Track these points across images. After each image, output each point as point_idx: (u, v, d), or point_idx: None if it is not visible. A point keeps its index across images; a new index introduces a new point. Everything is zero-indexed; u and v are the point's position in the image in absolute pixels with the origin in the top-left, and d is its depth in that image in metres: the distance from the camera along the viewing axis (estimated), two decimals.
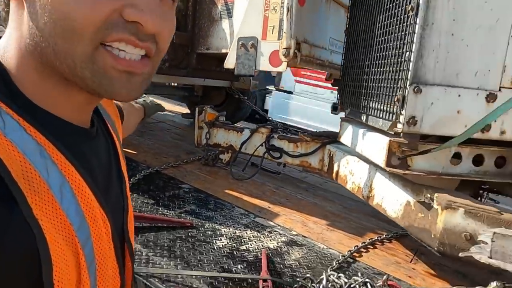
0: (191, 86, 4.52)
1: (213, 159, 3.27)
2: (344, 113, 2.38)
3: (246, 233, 2.11)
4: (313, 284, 1.43)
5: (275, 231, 2.22)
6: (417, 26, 1.48)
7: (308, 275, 1.62)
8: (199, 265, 1.71)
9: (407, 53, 1.52)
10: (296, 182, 3.23)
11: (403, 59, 1.55)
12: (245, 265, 1.77)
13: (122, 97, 0.54)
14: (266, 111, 7.54)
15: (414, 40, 1.49)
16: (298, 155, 2.85)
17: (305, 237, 2.22)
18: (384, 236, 2.37)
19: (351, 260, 2.06)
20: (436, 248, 1.55)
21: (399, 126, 1.57)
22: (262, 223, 2.29)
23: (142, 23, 0.50)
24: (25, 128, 0.48)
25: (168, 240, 1.89)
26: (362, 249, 2.21)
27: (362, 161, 2.19)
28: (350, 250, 2.13)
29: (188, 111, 5.01)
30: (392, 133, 1.66)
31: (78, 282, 0.51)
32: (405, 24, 1.55)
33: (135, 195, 2.32)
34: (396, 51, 1.61)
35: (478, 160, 1.70)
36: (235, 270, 1.70)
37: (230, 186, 2.80)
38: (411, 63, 1.51)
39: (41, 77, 0.53)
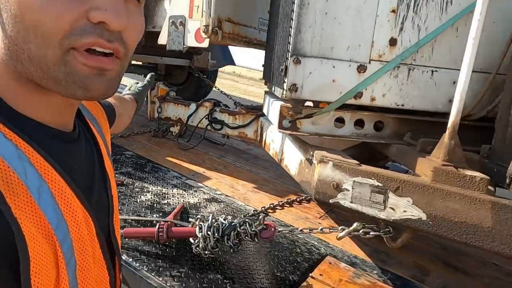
0: (154, 64, 4.73)
1: (164, 131, 3.51)
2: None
3: (172, 191, 2.38)
4: (201, 223, 1.70)
5: (200, 190, 2.49)
6: (295, 6, 1.73)
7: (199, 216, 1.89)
8: (119, 213, 1.98)
9: (289, 29, 1.77)
10: (239, 153, 3.49)
11: (288, 34, 1.80)
12: (160, 214, 2.04)
13: (98, 95, 0.56)
14: None
15: (293, 18, 1.74)
16: (236, 127, 3.11)
17: (228, 196, 2.50)
18: (303, 197, 2.66)
19: (264, 214, 2.34)
20: (313, 196, 1.83)
21: (284, 92, 1.82)
22: (191, 184, 2.56)
23: (107, 21, 0.52)
24: (4, 134, 0.51)
25: None
26: (278, 207, 2.49)
27: None
28: (264, 207, 2.42)
29: None
30: (283, 99, 1.93)
31: (57, 277, 0.53)
32: (290, 3, 1.80)
33: None
34: (285, 27, 1.86)
35: (359, 124, 1.97)
36: (149, 217, 1.97)
37: (173, 155, 3.06)
38: (291, 38, 1.76)
39: (19, 84, 0.55)
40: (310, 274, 1.83)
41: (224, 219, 1.72)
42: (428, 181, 1.54)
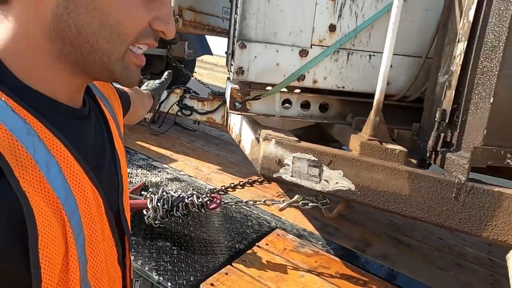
0: None
1: None
2: None
3: (136, 171, 2.52)
4: (152, 195, 1.84)
5: (164, 170, 2.63)
6: None
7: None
8: None
9: (235, 15, 1.90)
10: (210, 138, 3.63)
11: (235, 21, 1.94)
12: None
13: (133, 85, 0.63)
14: None
15: (239, 5, 1.87)
16: (204, 113, 3.24)
17: (190, 176, 2.64)
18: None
19: (222, 193, 2.49)
20: (259, 172, 1.98)
21: (232, 75, 1.96)
22: (156, 165, 2.69)
23: (167, 33, 0.61)
24: (13, 108, 0.50)
25: None
26: (238, 186, 2.64)
27: None
28: (224, 185, 2.57)
29: None
30: (234, 82, 2.06)
31: (66, 252, 0.53)
32: None
33: None
34: (235, 15, 1.99)
35: (306, 106, 2.12)
36: None
37: (143, 139, 3.19)
38: (237, 24, 1.89)
39: (50, 62, 0.56)
40: (257, 244, 1.99)
41: (174, 192, 1.86)
42: (356, 155, 1.69)
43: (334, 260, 1.98)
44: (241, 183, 2.66)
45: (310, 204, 1.90)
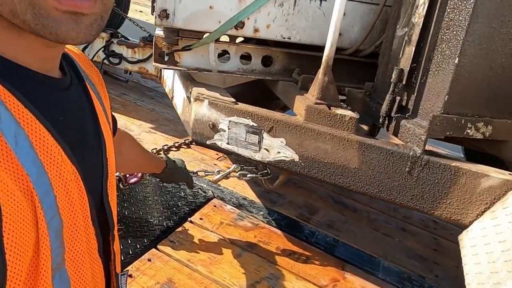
0: None
1: None
2: None
3: None
4: None
5: None
6: None
7: None
8: None
9: None
10: (145, 90, 3.24)
11: None
12: None
13: (70, 40, 0.50)
14: None
15: None
16: (135, 61, 2.82)
17: None
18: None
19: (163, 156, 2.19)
20: (191, 138, 1.69)
21: (155, 20, 1.59)
22: None
23: None
24: None
25: None
26: (173, 148, 2.34)
27: None
28: (155, 148, 2.26)
29: None
30: (159, 28, 1.69)
31: (37, 238, 0.48)
32: None
33: None
34: None
35: (246, 58, 1.81)
36: None
37: None
38: None
39: (2, 24, 0.49)
40: (189, 219, 1.75)
41: None
42: (301, 121, 1.45)
43: (275, 233, 1.80)
44: (176, 145, 2.36)
45: (249, 175, 1.66)
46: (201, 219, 1.76)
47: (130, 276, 1.36)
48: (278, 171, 1.67)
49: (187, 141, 2.43)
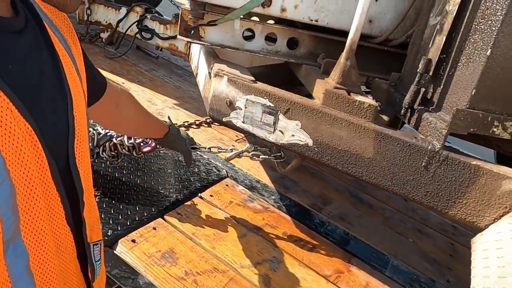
0: None
1: (92, 37, 3.20)
2: None
3: None
4: None
5: None
6: None
7: None
8: None
9: None
10: (174, 68, 3.26)
11: None
12: None
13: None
14: None
15: None
16: (166, 38, 2.85)
17: None
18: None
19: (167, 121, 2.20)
20: (208, 114, 1.69)
21: None
22: None
23: None
24: None
25: None
26: (193, 125, 2.36)
27: None
28: (176, 123, 2.27)
29: None
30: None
31: None
32: None
33: None
34: None
35: (271, 39, 1.77)
36: None
37: (95, 62, 2.80)
38: None
39: None
40: (200, 194, 1.75)
41: (103, 129, 1.57)
42: (318, 104, 1.41)
43: (284, 219, 1.78)
44: (197, 122, 2.37)
45: (261, 156, 1.64)
46: (211, 196, 1.77)
47: (134, 241, 1.38)
48: (292, 155, 1.64)
49: (208, 120, 2.43)
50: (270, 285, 1.39)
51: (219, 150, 1.66)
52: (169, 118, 1.51)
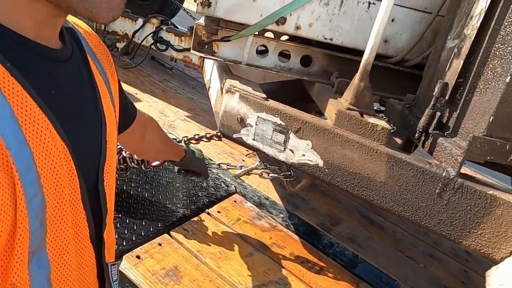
0: None
1: (109, 46, 3.24)
2: None
3: None
4: None
5: None
6: None
7: None
8: None
9: None
10: (187, 79, 3.28)
11: None
12: None
13: (102, 18, 0.52)
14: None
15: None
16: (180, 49, 2.86)
17: None
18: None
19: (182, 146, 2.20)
20: (218, 130, 1.68)
21: (196, 8, 1.58)
22: None
23: None
24: None
25: None
26: (203, 138, 2.35)
27: None
28: (186, 136, 2.27)
29: None
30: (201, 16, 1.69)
31: (15, 217, 0.45)
32: None
33: None
34: None
35: (285, 56, 1.76)
36: None
37: None
38: None
39: None
40: (207, 210, 1.73)
41: None
42: (330, 125, 1.39)
43: (291, 238, 1.75)
44: (208, 136, 2.36)
45: (271, 174, 1.62)
46: (218, 212, 1.74)
47: (138, 257, 1.36)
48: (302, 174, 1.62)
49: (219, 134, 2.42)
50: None
51: (228, 167, 1.64)
52: (185, 142, 1.52)
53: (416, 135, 1.38)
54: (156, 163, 1.55)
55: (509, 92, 1.12)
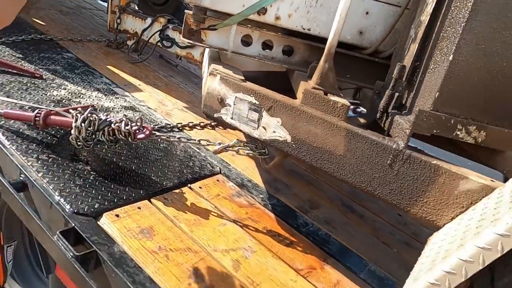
0: None
1: (119, 43, 3.46)
2: None
3: (91, 93, 2.38)
4: (78, 114, 1.70)
5: (123, 98, 2.49)
6: None
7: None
8: (22, 100, 2.00)
9: None
10: (191, 76, 3.45)
11: None
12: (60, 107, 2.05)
13: None
14: None
15: None
16: (184, 46, 3.04)
17: (150, 108, 2.50)
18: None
19: (177, 130, 2.35)
20: (202, 110, 1.81)
21: None
22: (116, 91, 2.55)
23: None
24: None
25: (6, 80, 2.16)
26: (197, 126, 2.49)
27: None
28: (180, 123, 2.42)
29: None
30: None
31: None
32: None
33: (5, 48, 2.56)
34: None
35: (268, 46, 1.90)
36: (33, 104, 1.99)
37: (117, 65, 3.03)
38: None
39: None
40: (189, 185, 1.86)
41: (105, 115, 1.72)
42: (297, 103, 1.51)
43: (267, 215, 1.85)
44: (202, 124, 2.50)
45: (246, 151, 1.74)
46: (200, 187, 1.87)
47: (117, 216, 1.50)
48: (276, 152, 1.73)
49: (213, 124, 2.56)
50: (239, 270, 1.46)
51: (208, 143, 1.77)
52: (178, 128, 1.62)
53: (378, 115, 1.49)
54: (141, 135, 1.70)
55: (452, 70, 1.22)
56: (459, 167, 1.23)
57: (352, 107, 2.08)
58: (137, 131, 1.70)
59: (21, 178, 1.53)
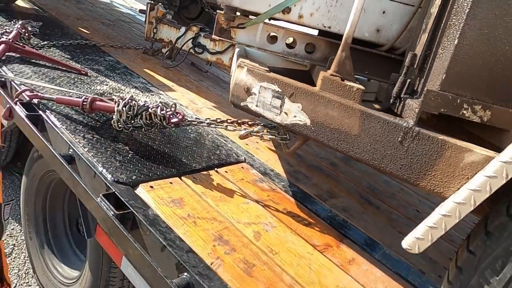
0: None
1: (155, 51, 3.72)
2: None
3: (129, 90, 2.61)
4: (120, 100, 1.90)
5: (157, 95, 2.71)
6: None
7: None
8: (69, 92, 2.24)
9: None
10: (220, 82, 3.66)
11: None
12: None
13: None
14: None
15: None
16: (214, 52, 3.26)
17: (182, 105, 2.70)
18: (257, 122, 2.80)
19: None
20: (230, 99, 1.98)
21: None
22: (151, 89, 2.77)
23: None
24: None
25: (56, 75, 2.41)
26: (224, 123, 2.65)
27: None
28: (209, 118, 2.59)
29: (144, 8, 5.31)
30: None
31: None
32: None
33: (56, 50, 2.85)
34: None
35: (291, 43, 2.06)
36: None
37: (152, 69, 3.28)
38: None
39: None
40: (216, 169, 2.02)
41: (143, 102, 1.92)
42: (316, 89, 1.65)
43: (287, 199, 1.98)
44: (229, 121, 2.67)
45: (269, 136, 1.89)
46: (226, 172, 2.02)
47: (152, 187, 1.66)
48: (296, 137, 1.87)
49: (239, 121, 2.72)
50: (260, 240, 1.59)
51: (234, 129, 1.94)
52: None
53: (391, 101, 1.61)
54: (174, 120, 1.88)
55: (458, 53, 1.34)
56: (464, 142, 1.33)
57: None
58: (171, 116, 1.88)
59: (70, 152, 1.73)
